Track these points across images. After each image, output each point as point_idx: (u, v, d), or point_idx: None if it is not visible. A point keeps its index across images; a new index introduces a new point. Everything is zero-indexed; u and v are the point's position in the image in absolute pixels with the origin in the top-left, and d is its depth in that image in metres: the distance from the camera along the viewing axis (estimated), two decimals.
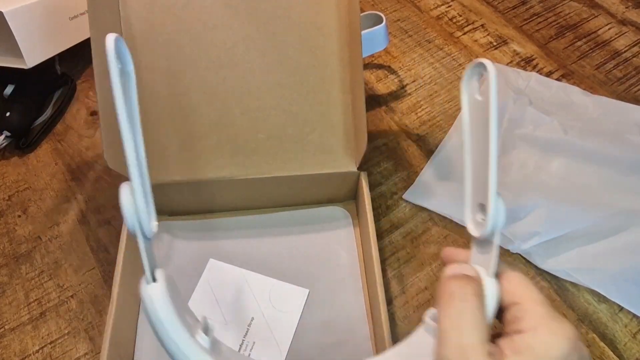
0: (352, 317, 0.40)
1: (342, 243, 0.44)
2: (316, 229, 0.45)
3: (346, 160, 0.42)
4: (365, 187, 0.42)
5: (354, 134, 0.42)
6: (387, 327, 0.35)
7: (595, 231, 0.43)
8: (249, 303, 0.41)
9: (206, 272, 0.42)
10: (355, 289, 0.42)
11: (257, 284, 0.42)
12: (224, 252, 0.44)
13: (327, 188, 0.44)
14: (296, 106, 0.41)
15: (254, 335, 0.39)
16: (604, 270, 0.42)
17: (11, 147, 0.53)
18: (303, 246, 0.44)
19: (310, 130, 0.42)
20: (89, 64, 0.60)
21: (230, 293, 0.41)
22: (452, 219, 0.46)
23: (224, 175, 0.41)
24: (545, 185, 0.47)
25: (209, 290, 0.42)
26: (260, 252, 0.44)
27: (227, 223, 0.46)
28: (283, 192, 0.44)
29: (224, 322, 0.40)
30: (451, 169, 0.49)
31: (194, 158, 0.41)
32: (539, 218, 0.44)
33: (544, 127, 0.50)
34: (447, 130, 0.52)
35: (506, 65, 0.58)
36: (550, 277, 0.43)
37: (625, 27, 0.63)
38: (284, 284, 0.42)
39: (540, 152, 0.49)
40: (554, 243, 0.43)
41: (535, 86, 0.56)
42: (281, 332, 0.39)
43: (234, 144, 0.41)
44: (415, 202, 0.47)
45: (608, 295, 0.41)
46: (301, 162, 0.41)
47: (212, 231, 0.45)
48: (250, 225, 0.45)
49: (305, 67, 0.41)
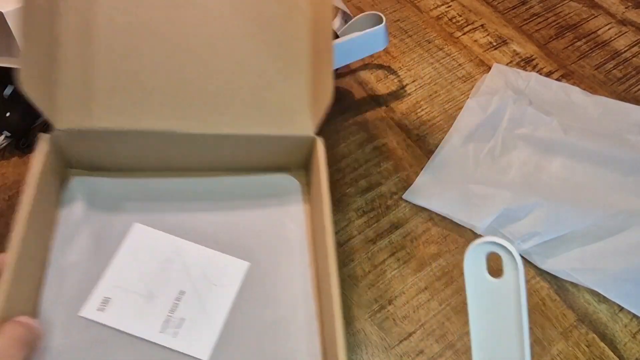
0: (297, 293, 0.36)
1: (291, 215, 0.40)
2: (262, 198, 0.40)
3: (303, 123, 0.37)
4: (321, 155, 0.37)
5: (316, 95, 0.37)
6: (338, 305, 0.30)
7: (595, 231, 0.43)
8: (179, 275, 0.36)
9: (130, 238, 0.37)
10: (302, 264, 0.37)
11: (190, 254, 0.37)
12: (153, 216, 0.38)
13: (279, 153, 0.40)
14: (254, 58, 0.37)
15: (183, 311, 0.34)
16: (604, 270, 0.42)
17: (11, 147, 0.53)
18: (247, 216, 0.39)
19: (266, 85, 0.37)
20: None
21: (157, 263, 0.36)
22: (452, 219, 0.46)
23: (161, 127, 0.36)
24: (545, 185, 0.47)
25: (131, 259, 0.36)
26: (196, 219, 0.38)
27: (160, 184, 0.40)
28: (228, 154, 0.39)
29: (148, 296, 0.35)
30: (451, 169, 0.49)
31: (128, 104, 0.35)
32: (539, 218, 0.44)
33: (544, 127, 0.50)
34: (447, 131, 0.52)
35: (506, 66, 0.58)
36: (550, 277, 0.43)
37: (625, 27, 0.63)
38: (221, 255, 0.37)
39: (540, 152, 0.49)
40: (554, 243, 0.44)
41: (535, 86, 0.56)
42: (215, 308, 0.35)
43: (178, 93, 0.36)
44: (415, 202, 0.47)
45: (608, 295, 0.41)
46: (252, 120, 0.37)
47: (141, 192, 0.39)
48: (187, 189, 0.40)
49: (268, 16, 0.37)
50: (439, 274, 0.43)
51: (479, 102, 0.53)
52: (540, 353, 0.39)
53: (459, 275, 0.43)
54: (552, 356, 0.39)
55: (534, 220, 0.44)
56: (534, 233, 0.43)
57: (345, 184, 0.49)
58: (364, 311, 0.41)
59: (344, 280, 0.43)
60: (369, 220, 0.47)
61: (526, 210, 0.45)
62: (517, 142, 0.50)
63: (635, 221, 0.43)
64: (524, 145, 0.50)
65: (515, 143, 0.50)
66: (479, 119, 0.51)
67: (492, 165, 0.49)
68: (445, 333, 0.40)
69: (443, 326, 0.41)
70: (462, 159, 0.50)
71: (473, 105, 0.53)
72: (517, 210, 0.45)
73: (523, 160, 0.49)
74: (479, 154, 0.50)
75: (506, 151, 0.50)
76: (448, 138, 0.51)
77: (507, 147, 0.50)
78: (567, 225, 0.44)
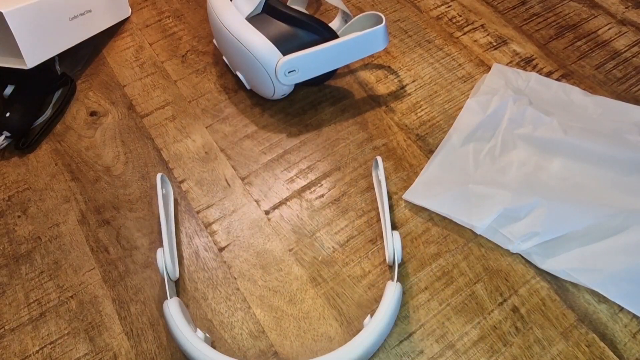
0: None
1: None
2: None
3: None
4: None
5: None
6: None
7: (595, 231, 0.43)
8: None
9: None
10: None
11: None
12: None
13: None
14: None
15: None
16: (604, 270, 0.42)
17: (11, 147, 0.53)
18: None
19: None
20: (89, 64, 0.60)
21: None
22: (452, 219, 0.46)
23: None
24: (545, 185, 0.47)
25: None
26: None
27: None
28: None
29: None
30: (451, 169, 0.49)
31: None
32: (539, 218, 0.44)
33: (543, 127, 0.50)
34: (447, 130, 0.52)
35: (506, 65, 0.58)
36: (550, 277, 0.43)
37: (625, 27, 0.63)
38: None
39: (540, 152, 0.49)
40: (554, 243, 0.43)
41: (535, 86, 0.56)
42: None
43: None
44: (415, 202, 0.47)
45: (608, 295, 0.41)
46: None
47: None
48: None
49: None
50: (439, 274, 0.43)
51: (479, 102, 0.53)
52: (540, 353, 0.39)
53: (459, 275, 0.43)
54: (552, 356, 0.39)
55: (533, 220, 0.44)
56: (533, 233, 0.43)
57: (345, 184, 0.49)
58: (364, 311, 0.41)
59: (343, 280, 0.43)
60: (369, 220, 0.47)
61: (526, 210, 0.45)
62: (517, 142, 0.50)
63: (635, 221, 0.43)
64: (523, 145, 0.50)
65: (515, 143, 0.50)
66: (479, 119, 0.51)
67: (491, 165, 0.49)
68: (445, 333, 0.40)
69: (443, 326, 0.41)
70: (462, 159, 0.50)
71: (473, 105, 0.53)
72: (517, 210, 0.45)
73: (523, 160, 0.49)
74: (478, 154, 0.50)
75: (506, 151, 0.50)
76: (448, 138, 0.51)
77: (507, 146, 0.50)
78: (567, 225, 0.44)
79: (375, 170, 0.49)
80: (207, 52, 0.61)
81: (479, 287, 0.42)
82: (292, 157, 0.51)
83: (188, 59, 0.60)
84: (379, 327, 0.37)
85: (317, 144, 0.52)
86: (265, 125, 0.54)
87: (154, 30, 0.64)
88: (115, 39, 0.63)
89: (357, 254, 0.45)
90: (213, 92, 0.57)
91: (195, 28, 0.64)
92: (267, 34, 0.49)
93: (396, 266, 0.41)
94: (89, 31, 0.58)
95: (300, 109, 0.55)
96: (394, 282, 0.39)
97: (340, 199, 0.48)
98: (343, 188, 0.49)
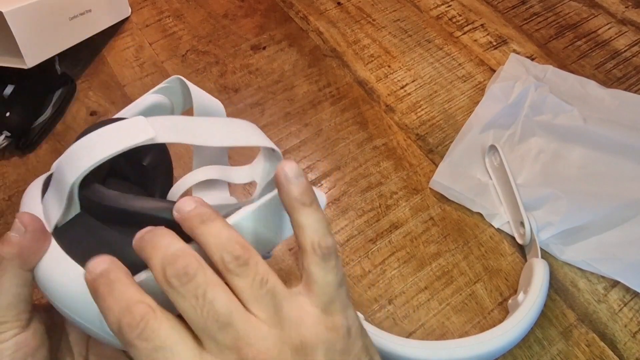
0: None
1: None
2: None
3: None
4: None
5: None
6: None
7: (613, 220, 0.43)
8: None
9: None
10: None
11: None
12: None
13: None
14: None
15: None
16: (624, 259, 0.42)
17: (11, 147, 0.53)
18: None
19: None
20: (89, 64, 0.60)
21: None
22: (470, 207, 0.46)
23: None
24: (563, 175, 0.47)
25: None
26: None
27: None
28: None
29: None
30: (470, 156, 0.49)
31: None
32: (557, 208, 0.44)
33: (563, 115, 0.50)
34: (447, 130, 0.52)
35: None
36: (550, 277, 0.43)
37: (625, 27, 0.63)
38: None
39: (558, 140, 0.49)
40: (572, 233, 0.43)
41: (552, 78, 0.56)
42: None
43: None
44: (444, 183, 0.47)
45: (629, 284, 0.41)
46: None
47: None
48: None
49: None
50: (439, 273, 0.43)
51: (502, 88, 0.53)
52: (540, 353, 0.39)
53: (459, 275, 0.43)
54: (552, 356, 0.39)
55: (551, 210, 0.44)
56: (551, 223, 0.43)
57: (345, 184, 0.49)
58: (364, 310, 0.42)
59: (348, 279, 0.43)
60: (369, 220, 0.47)
61: (544, 200, 0.44)
62: (536, 130, 0.50)
63: None
64: (543, 132, 0.50)
65: (534, 130, 0.50)
66: (501, 107, 0.51)
67: (510, 153, 0.49)
68: (445, 333, 0.40)
69: (443, 326, 0.41)
70: (482, 146, 0.50)
71: (496, 91, 0.53)
72: (534, 201, 0.44)
73: (541, 148, 0.49)
74: (498, 142, 0.49)
75: (525, 138, 0.50)
76: (469, 124, 0.51)
77: (526, 134, 0.50)
78: (585, 214, 0.43)
79: (489, 156, 0.49)
80: (207, 52, 0.61)
81: (479, 286, 0.42)
82: (292, 157, 0.51)
83: (188, 58, 0.60)
84: (537, 303, 0.38)
85: (317, 143, 0.52)
86: (265, 124, 0.54)
87: (154, 30, 0.64)
88: (115, 38, 0.63)
89: (357, 254, 0.45)
90: (213, 92, 0.57)
91: (195, 28, 0.64)
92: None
93: (537, 242, 0.42)
94: (89, 31, 0.58)
95: (300, 108, 0.55)
96: (539, 258, 0.41)
97: (340, 199, 0.48)
98: (343, 188, 0.49)
